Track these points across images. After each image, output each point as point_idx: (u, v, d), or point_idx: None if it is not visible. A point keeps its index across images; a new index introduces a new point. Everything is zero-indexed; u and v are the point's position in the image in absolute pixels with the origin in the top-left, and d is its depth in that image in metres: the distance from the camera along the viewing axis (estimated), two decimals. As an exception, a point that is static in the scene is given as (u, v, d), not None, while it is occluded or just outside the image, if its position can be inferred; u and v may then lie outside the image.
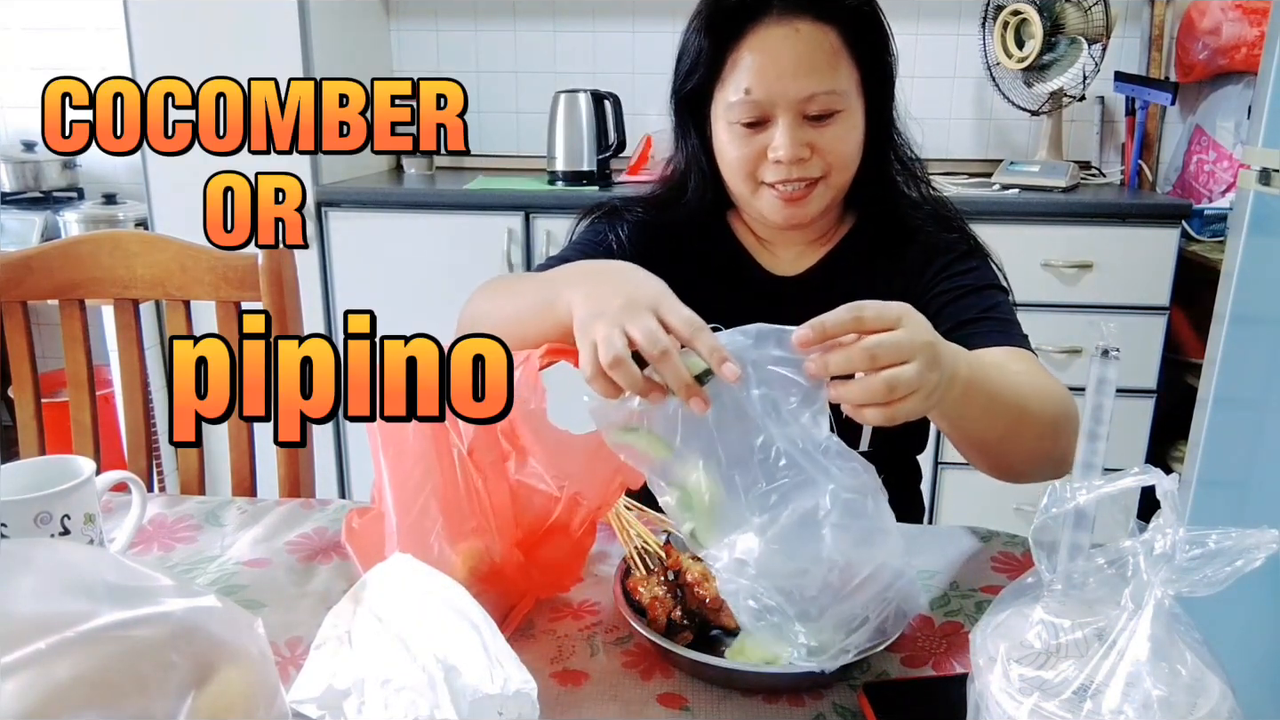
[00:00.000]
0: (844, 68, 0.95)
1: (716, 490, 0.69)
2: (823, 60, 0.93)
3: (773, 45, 0.94)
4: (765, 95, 0.94)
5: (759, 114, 0.95)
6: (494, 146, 2.77)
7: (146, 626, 0.49)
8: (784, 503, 0.67)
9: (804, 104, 0.94)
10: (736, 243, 1.10)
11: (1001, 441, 0.85)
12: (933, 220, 1.06)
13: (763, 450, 0.68)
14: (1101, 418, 0.53)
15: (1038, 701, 0.46)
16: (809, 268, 1.07)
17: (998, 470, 0.90)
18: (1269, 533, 0.44)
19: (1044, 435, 0.86)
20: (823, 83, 0.93)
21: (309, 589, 0.84)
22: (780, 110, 0.94)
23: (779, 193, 0.98)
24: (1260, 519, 0.45)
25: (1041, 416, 0.85)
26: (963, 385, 0.74)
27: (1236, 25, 2.32)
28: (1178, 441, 2.20)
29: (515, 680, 0.60)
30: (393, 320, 2.46)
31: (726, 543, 0.67)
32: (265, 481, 1.24)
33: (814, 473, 0.67)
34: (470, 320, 0.97)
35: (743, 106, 0.95)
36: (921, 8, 2.57)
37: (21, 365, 1.22)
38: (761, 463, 0.68)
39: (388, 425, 0.76)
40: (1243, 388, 1.57)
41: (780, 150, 0.94)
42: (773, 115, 0.95)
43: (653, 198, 1.11)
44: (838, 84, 0.94)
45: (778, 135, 0.94)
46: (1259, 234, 1.52)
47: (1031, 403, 0.85)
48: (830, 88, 0.93)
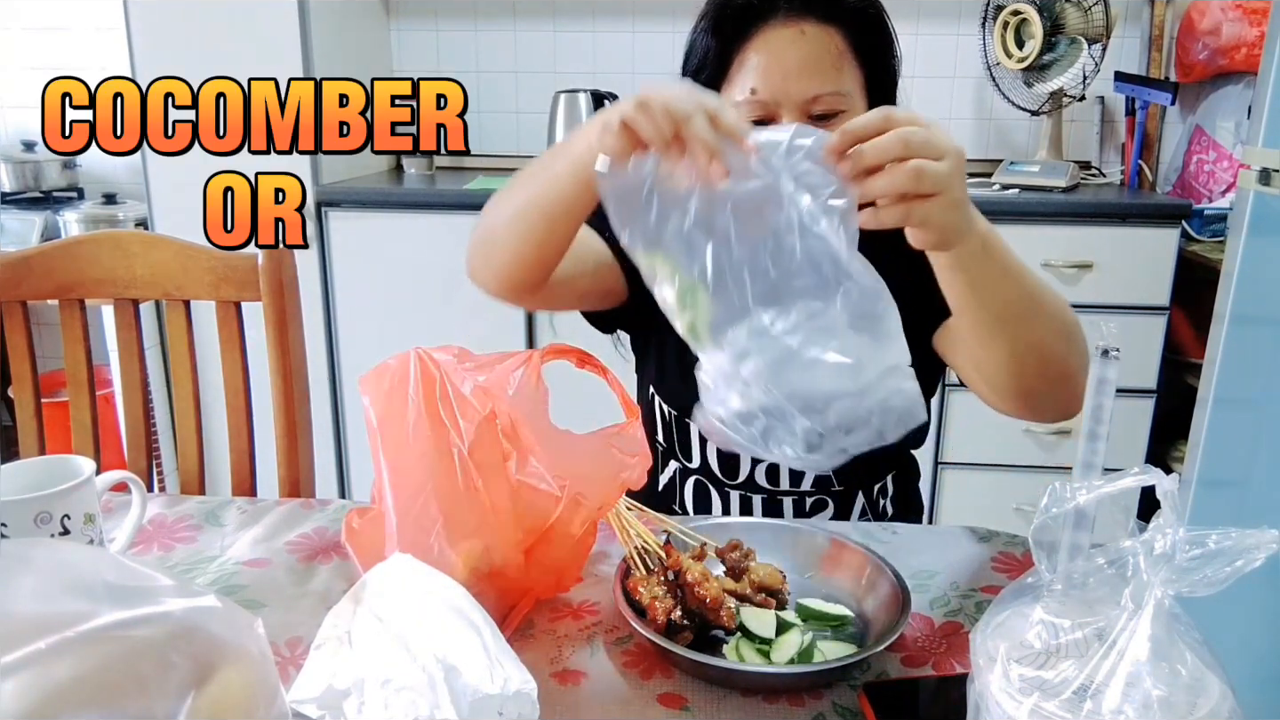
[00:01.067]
0: (848, 69, 0.96)
1: (720, 278, 0.65)
2: (828, 62, 0.94)
3: (779, 46, 0.94)
4: (771, 96, 0.94)
5: (764, 114, 0.96)
6: (494, 146, 2.77)
7: (146, 626, 0.49)
8: (794, 299, 0.64)
9: (809, 104, 0.94)
10: None
11: (1018, 322, 0.81)
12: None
13: (777, 248, 0.65)
14: (1101, 418, 0.53)
15: (1038, 701, 0.46)
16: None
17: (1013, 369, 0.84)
18: (1269, 533, 0.44)
19: (1059, 334, 0.83)
20: (827, 83, 0.94)
21: (309, 589, 0.84)
22: (785, 110, 0.95)
23: None
24: (1260, 519, 0.45)
25: (1055, 310, 0.83)
26: (981, 240, 0.73)
27: (1236, 25, 2.32)
28: (1178, 441, 2.20)
29: (515, 680, 0.60)
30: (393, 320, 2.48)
31: (728, 337, 0.64)
32: (265, 481, 1.24)
33: (830, 276, 0.65)
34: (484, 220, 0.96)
35: (749, 106, 0.96)
36: (921, 8, 2.57)
37: (21, 365, 1.22)
38: (775, 258, 0.65)
39: (388, 425, 0.76)
40: (1243, 388, 1.57)
41: None
42: (778, 115, 0.96)
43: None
44: (842, 85, 0.95)
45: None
46: (1259, 234, 1.52)
47: (1045, 293, 0.82)
48: (835, 88, 0.94)
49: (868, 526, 0.96)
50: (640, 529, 0.84)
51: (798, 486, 1.08)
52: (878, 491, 1.11)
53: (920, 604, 0.80)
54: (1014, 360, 0.83)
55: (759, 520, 0.93)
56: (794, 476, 1.07)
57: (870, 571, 0.80)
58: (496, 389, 0.76)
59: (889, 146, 0.65)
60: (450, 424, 0.74)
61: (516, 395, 0.76)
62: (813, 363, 0.64)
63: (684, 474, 1.13)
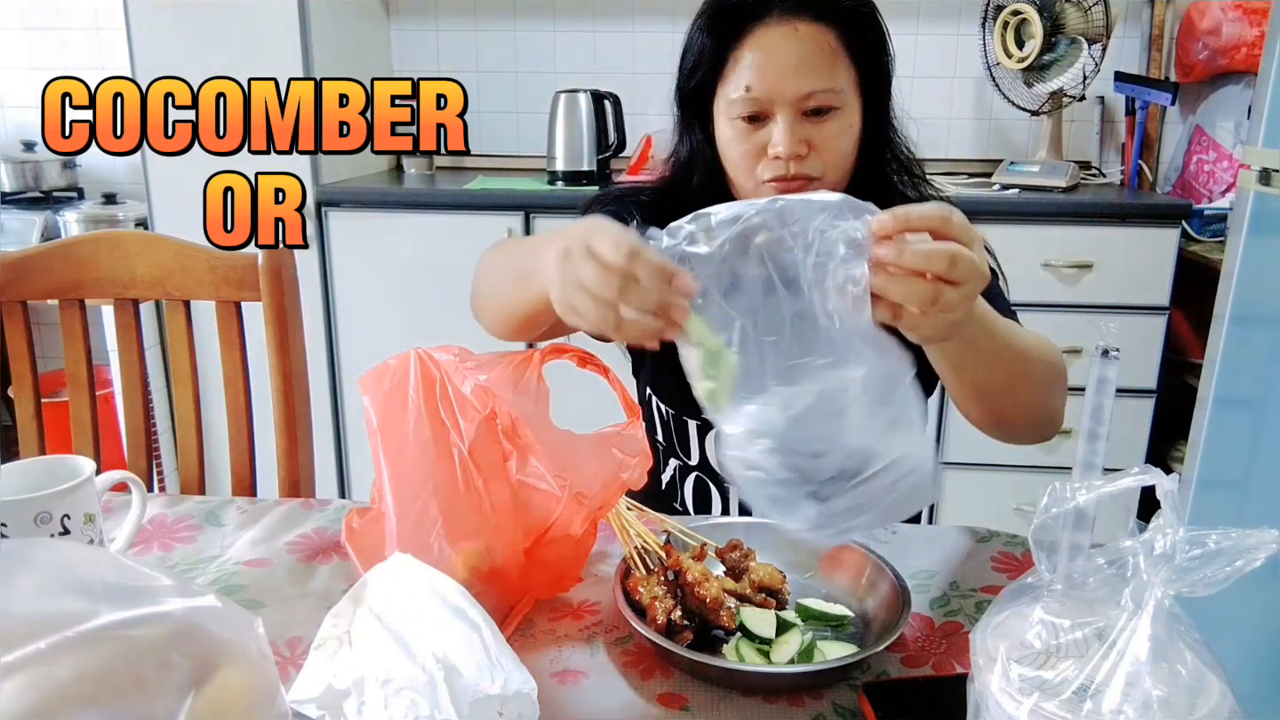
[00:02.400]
0: (842, 67, 0.97)
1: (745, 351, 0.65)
2: (821, 59, 0.96)
3: (773, 45, 0.96)
4: (765, 93, 0.96)
5: (758, 110, 0.97)
6: (494, 146, 2.77)
7: (146, 626, 0.49)
8: (812, 378, 0.64)
9: (803, 101, 0.96)
10: None
11: (1000, 392, 0.88)
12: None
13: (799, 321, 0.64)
14: (1101, 418, 0.53)
15: (1038, 701, 0.46)
16: None
17: (991, 419, 0.92)
18: (1269, 533, 0.44)
19: (1039, 389, 0.91)
20: (821, 81, 0.95)
21: (309, 589, 0.84)
22: (779, 107, 0.96)
23: (777, 188, 0.99)
24: (1260, 519, 0.45)
25: (1040, 373, 0.90)
26: (975, 325, 0.76)
27: (1236, 25, 2.32)
28: (1178, 441, 2.20)
29: (515, 680, 0.60)
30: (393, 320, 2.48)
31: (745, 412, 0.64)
32: (265, 481, 1.24)
33: (847, 353, 0.64)
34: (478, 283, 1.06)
35: (743, 103, 0.97)
36: (921, 8, 2.57)
37: (21, 365, 1.22)
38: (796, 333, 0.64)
39: (388, 425, 0.76)
40: (1243, 388, 1.57)
41: (779, 146, 0.96)
42: (772, 112, 0.97)
43: (658, 181, 1.14)
44: (835, 82, 0.96)
45: (776, 132, 0.96)
46: (1259, 234, 1.52)
47: (1031, 357, 0.88)
48: (828, 85, 0.95)
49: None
50: (640, 529, 0.84)
51: None
52: None
53: (920, 604, 0.80)
54: (995, 414, 0.91)
55: (759, 520, 0.93)
56: None
57: (870, 571, 0.80)
58: (497, 388, 0.76)
59: (937, 262, 0.63)
60: (450, 424, 0.74)
61: (517, 395, 0.76)
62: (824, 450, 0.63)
63: (684, 471, 1.13)
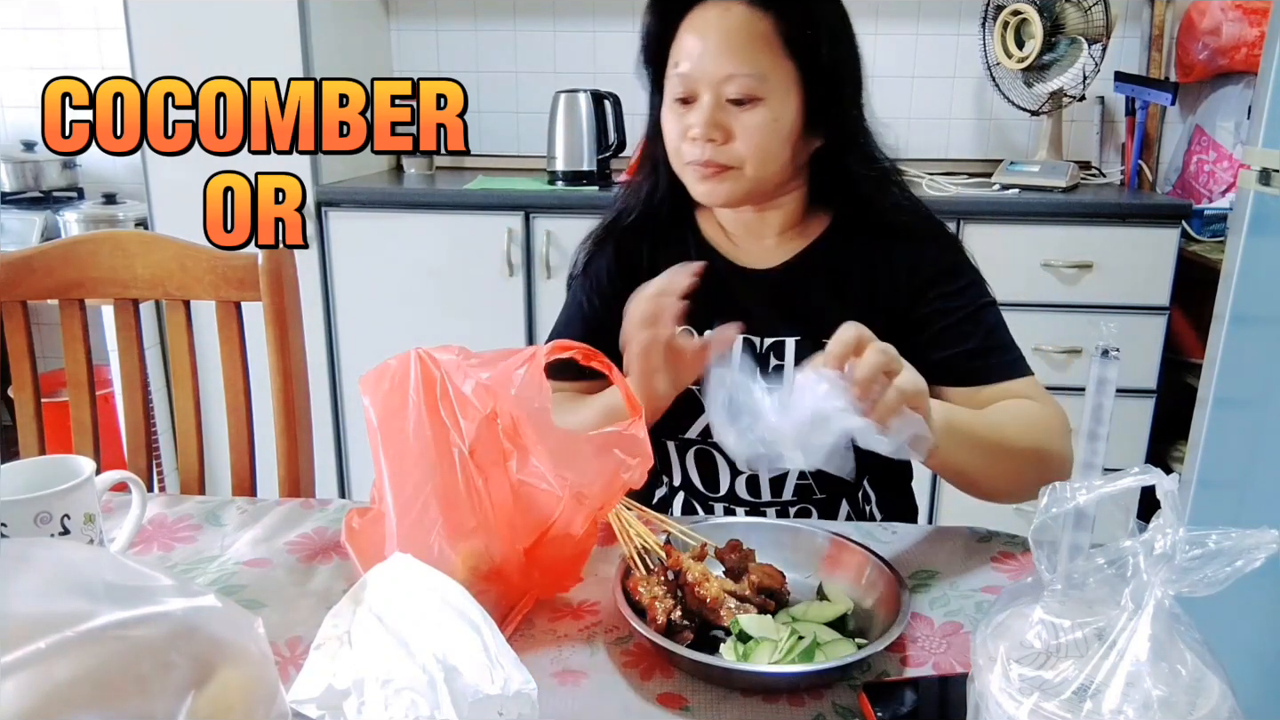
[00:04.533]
0: (773, 57, 0.95)
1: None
2: (748, 44, 0.95)
3: (705, 24, 0.96)
4: (690, 70, 0.96)
5: (687, 91, 0.97)
6: (494, 146, 2.77)
7: (146, 626, 0.49)
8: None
9: (723, 84, 0.95)
10: (703, 240, 1.11)
11: (979, 475, 0.91)
12: (916, 221, 1.05)
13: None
14: (1101, 418, 0.53)
15: (1038, 701, 0.46)
16: (785, 261, 1.07)
17: (979, 496, 0.94)
18: (1269, 533, 0.44)
19: (1024, 466, 0.91)
20: (742, 65, 0.94)
21: (309, 589, 0.84)
22: (702, 87, 0.96)
23: (694, 170, 1.00)
24: (1260, 519, 0.45)
25: (1020, 448, 0.91)
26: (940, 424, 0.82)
27: (1236, 25, 2.32)
28: (1178, 441, 2.20)
29: (515, 680, 0.60)
30: (393, 320, 2.49)
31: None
32: (265, 481, 1.24)
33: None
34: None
35: (674, 81, 0.98)
36: (921, 8, 2.57)
37: (21, 365, 1.22)
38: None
39: (388, 425, 0.76)
40: (1243, 388, 1.57)
41: (694, 128, 0.97)
42: (697, 92, 0.97)
43: (611, 217, 1.14)
44: (759, 69, 0.95)
45: (694, 113, 0.97)
46: (1259, 234, 1.52)
47: (1010, 438, 0.91)
48: (751, 71, 0.95)
49: (868, 526, 0.96)
50: (640, 529, 0.84)
51: (778, 497, 1.07)
52: (861, 498, 1.10)
53: (920, 604, 0.80)
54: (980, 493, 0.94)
55: (759, 520, 0.93)
56: (774, 487, 1.07)
57: (870, 571, 0.80)
58: (499, 387, 0.76)
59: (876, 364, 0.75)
60: (451, 424, 0.74)
61: (519, 393, 0.75)
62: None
63: (672, 491, 1.14)
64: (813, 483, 1.06)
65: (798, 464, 0.74)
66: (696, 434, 1.06)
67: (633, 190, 1.12)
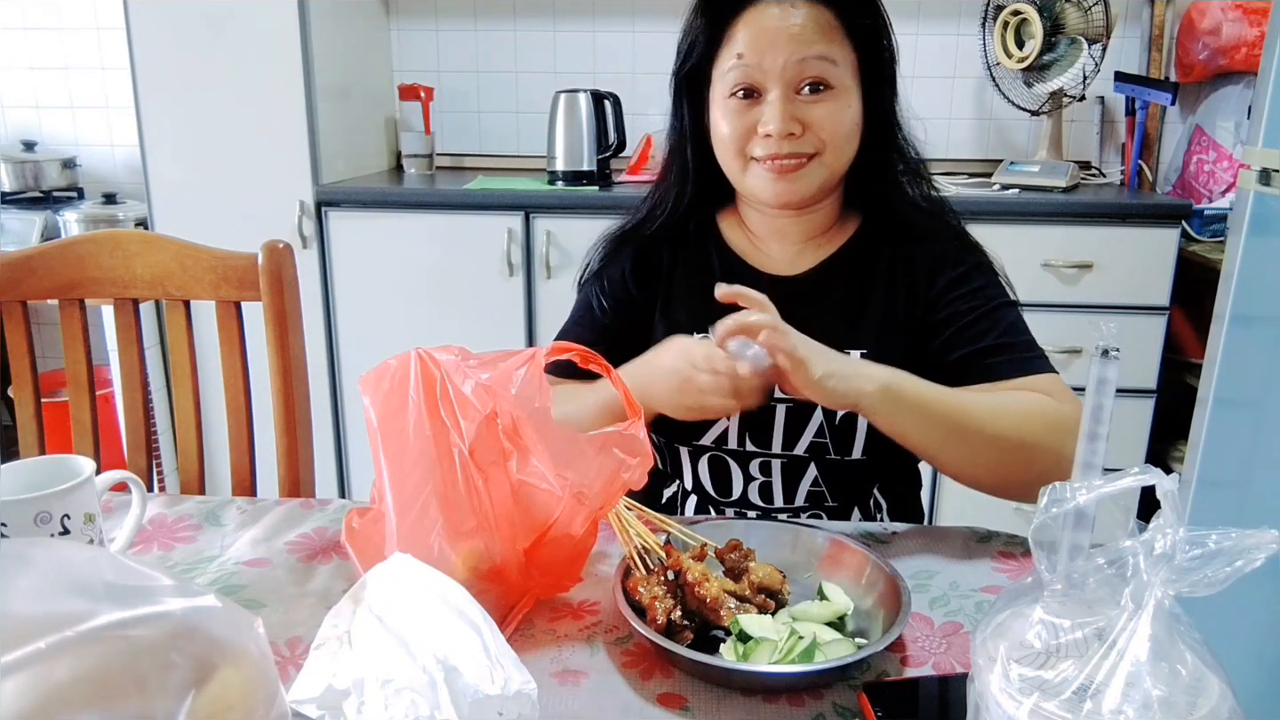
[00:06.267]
0: (839, 45, 0.96)
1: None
2: (818, 32, 0.95)
3: (767, 20, 0.96)
4: (757, 60, 0.95)
5: (750, 82, 0.96)
6: (494, 146, 2.77)
7: (146, 626, 0.49)
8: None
9: (797, 71, 0.95)
10: (725, 245, 1.10)
11: (935, 451, 0.91)
12: (936, 224, 1.05)
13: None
14: (1101, 418, 0.53)
15: (1038, 701, 0.46)
16: (810, 268, 1.07)
17: (952, 476, 0.95)
18: (1269, 533, 0.43)
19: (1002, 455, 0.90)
20: (815, 47, 0.94)
21: (309, 589, 0.84)
22: (771, 82, 0.95)
23: (769, 167, 0.98)
24: (1260, 519, 0.45)
25: (995, 434, 0.89)
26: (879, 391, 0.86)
27: (1236, 25, 2.32)
28: (1178, 441, 2.20)
29: (515, 680, 0.60)
30: (393, 320, 2.49)
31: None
32: (265, 481, 1.24)
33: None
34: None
35: (736, 72, 0.96)
36: (921, 8, 2.57)
37: (21, 365, 1.22)
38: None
39: (388, 425, 0.76)
40: (1243, 388, 1.57)
41: (770, 124, 0.95)
42: (764, 88, 0.96)
43: (635, 222, 1.12)
44: (831, 51, 0.95)
45: (768, 109, 0.96)
46: (1259, 234, 1.52)
47: (980, 421, 0.89)
48: (823, 53, 0.94)
49: (868, 526, 0.96)
50: (640, 529, 0.84)
51: (791, 503, 1.07)
52: (873, 506, 1.10)
53: (920, 604, 0.80)
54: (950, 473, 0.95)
55: (759, 520, 0.93)
56: (786, 493, 1.06)
57: (870, 571, 0.80)
58: (499, 387, 0.76)
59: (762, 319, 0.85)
60: (451, 424, 0.74)
61: (519, 393, 0.75)
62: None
63: (684, 494, 1.13)
64: (825, 490, 1.06)
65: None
66: (710, 440, 1.05)
67: (659, 197, 1.10)
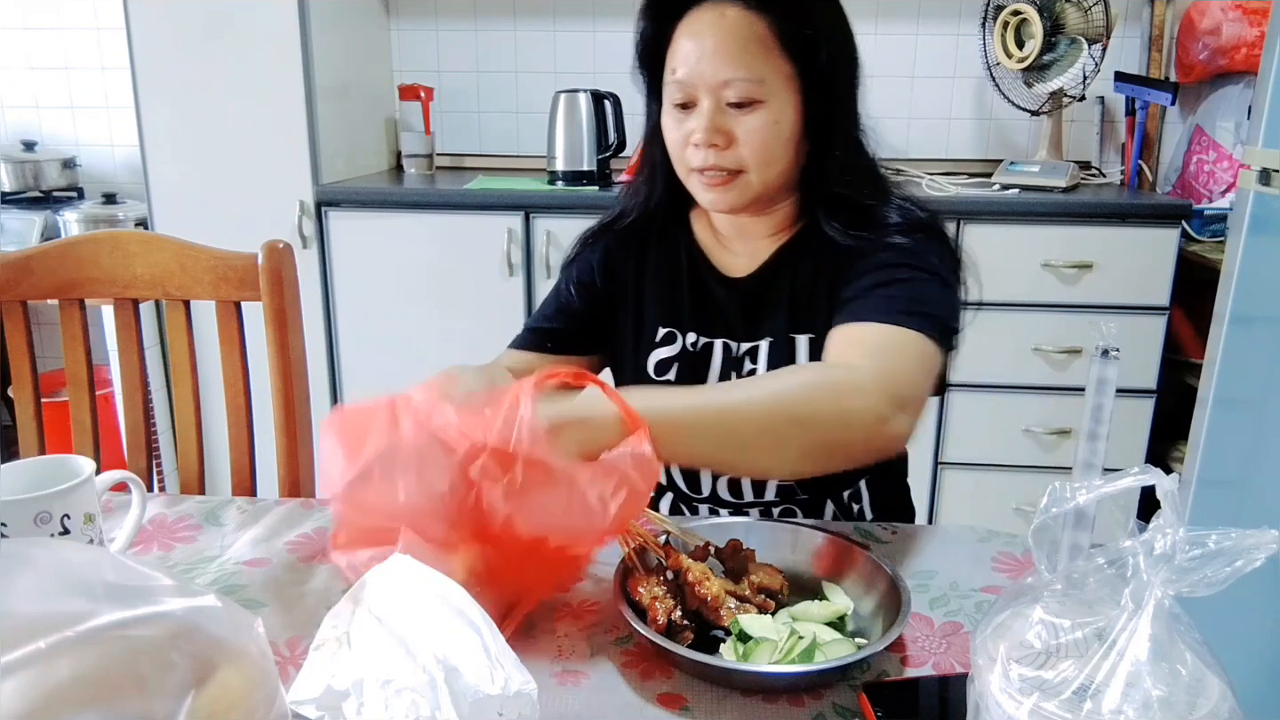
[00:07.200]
0: (771, 58, 0.94)
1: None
2: (744, 47, 0.93)
3: (700, 28, 0.95)
4: (688, 77, 0.95)
5: (685, 96, 0.96)
6: (494, 146, 2.77)
7: (146, 626, 0.49)
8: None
9: (722, 88, 0.94)
10: (694, 243, 1.10)
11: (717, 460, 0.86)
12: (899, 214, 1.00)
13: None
14: (1101, 418, 0.53)
15: (1038, 701, 0.46)
16: (757, 267, 1.06)
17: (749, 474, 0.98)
18: (1269, 533, 0.44)
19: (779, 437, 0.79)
20: (740, 69, 0.93)
21: (309, 589, 0.84)
22: (701, 93, 0.95)
23: (700, 178, 0.99)
24: (1260, 519, 0.45)
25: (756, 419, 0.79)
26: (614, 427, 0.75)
27: (1236, 25, 2.32)
28: (1178, 441, 2.20)
29: (515, 681, 0.60)
30: (393, 320, 2.49)
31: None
32: (265, 481, 1.24)
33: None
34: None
35: (671, 87, 0.97)
36: (921, 8, 2.57)
37: (21, 365, 1.22)
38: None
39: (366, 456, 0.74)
40: (1243, 388, 1.57)
41: (696, 134, 0.96)
42: (695, 98, 0.96)
43: (610, 218, 1.14)
44: (757, 72, 0.93)
45: (694, 119, 0.96)
46: (1259, 234, 1.52)
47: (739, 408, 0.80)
48: (749, 75, 0.93)
49: (868, 527, 0.95)
50: (640, 529, 0.84)
51: (761, 497, 1.06)
52: (849, 497, 1.09)
53: (920, 604, 0.80)
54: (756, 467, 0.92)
55: (759, 520, 0.93)
56: (755, 488, 1.06)
57: (870, 571, 0.80)
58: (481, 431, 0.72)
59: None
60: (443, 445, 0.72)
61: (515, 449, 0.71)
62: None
63: (659, 491, 1.14)
64: (794, 483, 1.05)
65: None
66: None
67: (632, 193, 1.12)
